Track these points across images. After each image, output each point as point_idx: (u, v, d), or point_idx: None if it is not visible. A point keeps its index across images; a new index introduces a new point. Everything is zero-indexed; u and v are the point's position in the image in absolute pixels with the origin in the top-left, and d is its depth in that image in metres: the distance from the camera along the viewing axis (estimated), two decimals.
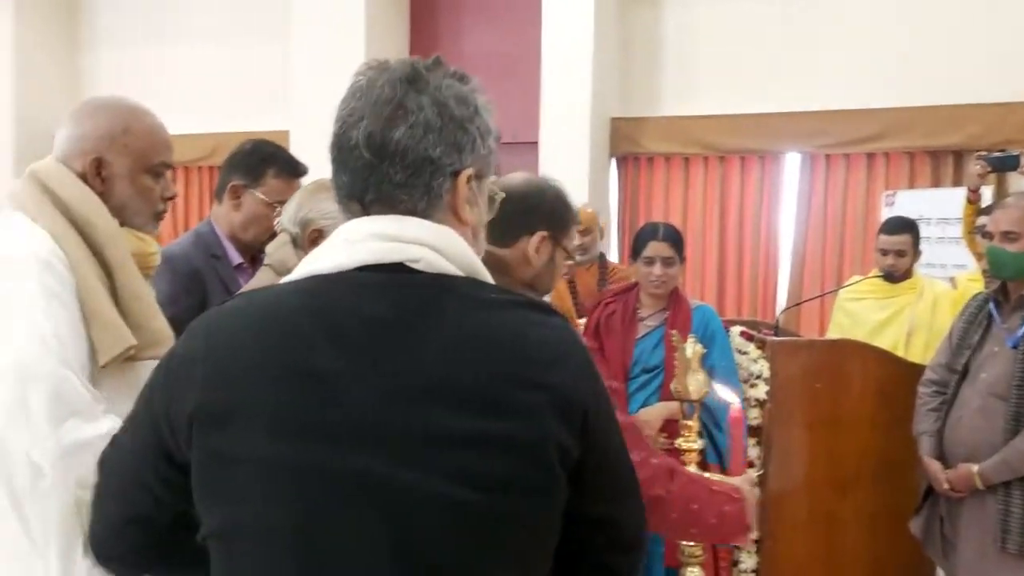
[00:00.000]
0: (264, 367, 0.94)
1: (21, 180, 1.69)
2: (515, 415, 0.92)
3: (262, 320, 0.98)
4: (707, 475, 1.69)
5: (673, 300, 2.91)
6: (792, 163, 5.16)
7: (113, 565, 1.13)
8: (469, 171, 1.03)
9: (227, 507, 0.95)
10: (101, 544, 1.12)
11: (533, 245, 1.64)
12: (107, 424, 1.37)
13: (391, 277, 0.97)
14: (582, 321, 3.05)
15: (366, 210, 1.01)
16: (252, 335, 0.97)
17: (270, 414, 0.93)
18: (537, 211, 1.65)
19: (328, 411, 0.92)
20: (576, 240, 3.74)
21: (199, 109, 6.30)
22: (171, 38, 6.67)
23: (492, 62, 5.69)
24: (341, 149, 1.01)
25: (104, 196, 1.68)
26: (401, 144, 0.98)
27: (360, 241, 0.99)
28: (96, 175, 1.68)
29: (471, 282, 1.01)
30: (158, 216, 1.79)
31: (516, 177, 1.70)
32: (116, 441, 1.11)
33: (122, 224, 1.71)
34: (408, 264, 0.98)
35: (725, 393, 1.93)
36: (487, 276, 1.04)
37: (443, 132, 1.00)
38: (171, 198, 1.79)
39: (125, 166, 1.70)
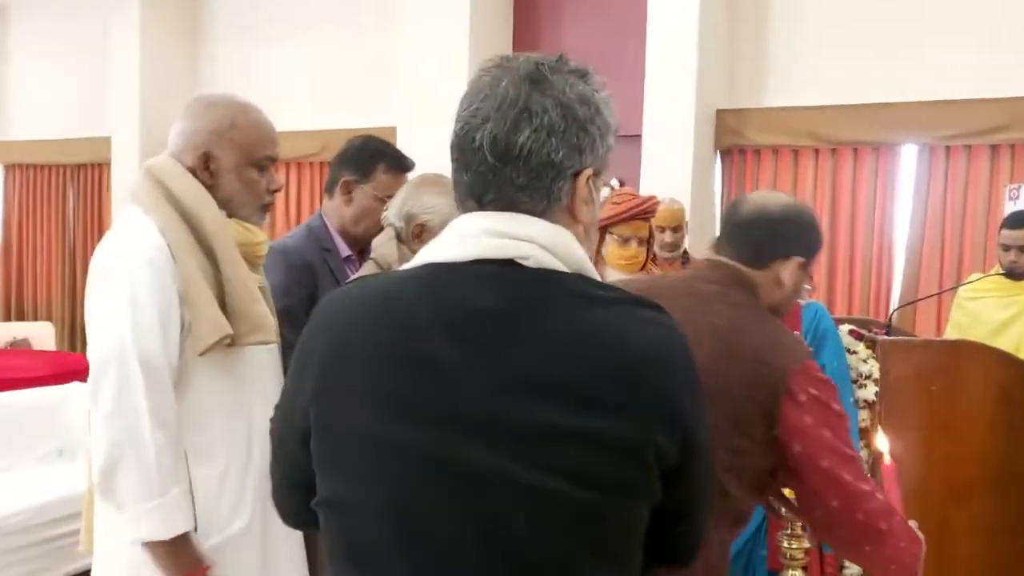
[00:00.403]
0: (379, 351, 0.99)
1: (139, 174, 1.79)
2: (615, 413, 0.93)
3: (378, 306, 1.02)
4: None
5: None
6: (909, 155, 4.93)
7: (290, 521, 1.21)
8: (589, 171, 1.03)
9: (337, 481, 1.01)
10: (277, 502, 1.20)
11: (788, 270, 1.64)
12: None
13: (501, 271, 0.99)
14: None
15: (483, 208, 1.03)
16: (368, 320, 1.02)
17: (382, 396, 0.98)
18: (797, 238, 1.65)
19: (437, 398, 0.95)
20: (668, 237, 3.69)
21: (309, 106, 6.49)
22: (282, 36, 6.88)
23: (593, 54, 5.63)
24: (464, 150, 1.02)
25: (212, 189, 1.76)
26: (525, 148, 0.99)
27: (474, 236, 1.01)
28: (204, 169, 1.76)
29: (580, 279, 1.02)
30: (264, 208, 1.86)
31: (775, 199, 1.72)
32: (276, 410, 1.17)
33: (229, 215, 1.78)
34: (518, 260, 0.99)
35: (881, 443, 1.80)
36: (595, 275, 1.05)
37: (566, 135, 1.00)
38: (277, 190, 1.86)
39: (231, 160, 1.77)
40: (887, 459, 1.77)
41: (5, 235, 8.47)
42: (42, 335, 6.01)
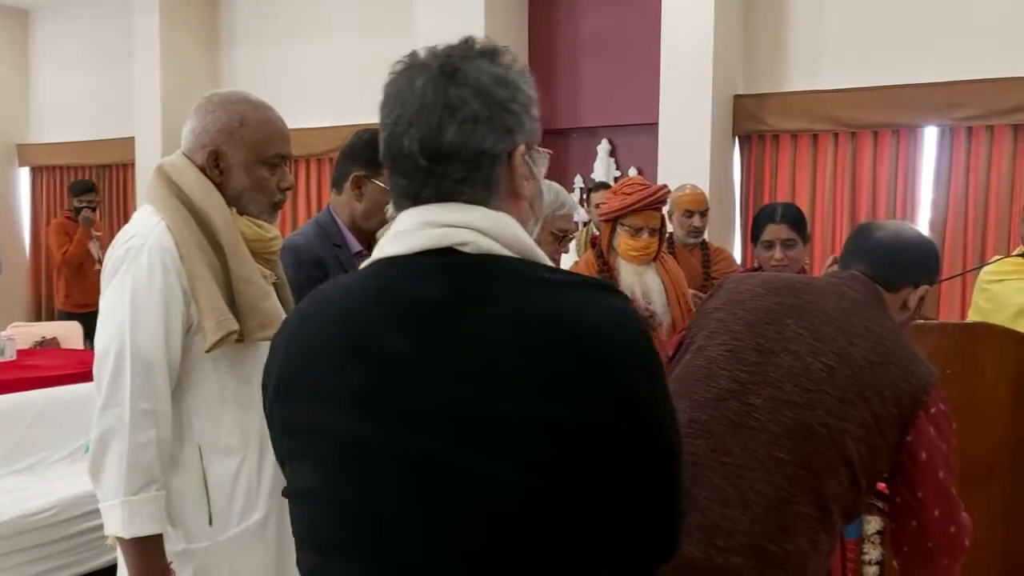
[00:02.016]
0: (332, 348, 1.01)
1: (152, 173, 1.81)
2: (567, 399, 0.91)
3: (334, 304, 1.05)
4: None
5: None
6: (930, 138, 4.88)
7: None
8: (522, 148, 1.03)
9: (302, 474, 1.03)
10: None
11: (916, 297, 1.76)
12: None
13: (442, 260, 0.99)
14: None
15: (420, 204, 1.03)
16: (324, 319, 1.04)
17: (340, 394, 0.99)
18: (926, 267, 1.78)
19: (389, 392, 0.96)
20: (697, 221, 3.67)
21: (330, 103, 6.54)
22: (303, 35, 6.93)
23: (610, 42, 5.63)
24: (395, 157, 1.03)
25: (221, 187, 1.78)
26: (456, 144, 0.99)
27: (414, 230, 1.01)
28: (214, 167, 1.77)
29: (523, 263, 1.00)
30: (275, 206, 1.87)
31: (911, 228, 1.87)
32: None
33: (240, 213, 1.80)
34: (458, 248, 0.99)
35: None
36: (542, 257, 1.04)
37: (492, 120, 1.00)
38: (288, 188, 1.87)
39: (241, 157, 1.78)
40: None
41: (33, 237, 8.61)
42: (70, 334, 6.10)
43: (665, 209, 3.17)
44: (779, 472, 1.53)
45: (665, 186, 3.03)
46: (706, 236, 3.80)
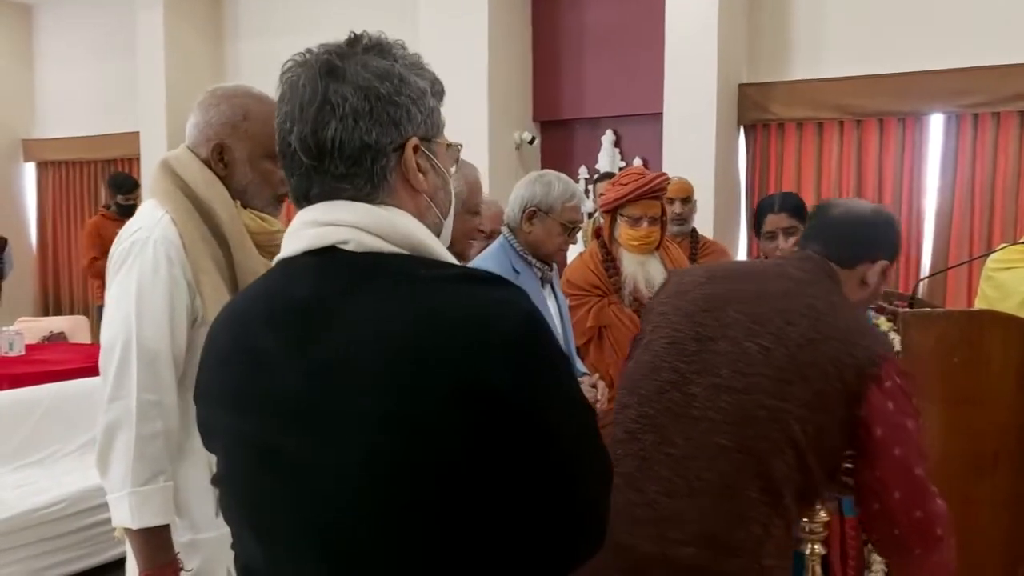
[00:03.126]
0: (221, 349, 1.07)
1: (156, 167, 1.82)
2: (420, 395, 0.89)
3: (233, 308, 1.10)
4: None
5: None
6: (936, 125, 4.85)
7: None
8: (413, 140, 1.02)
9: (218, 464, 1.10)
10: None
11: (874, 272, 1.73)
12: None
13: (319, 259, 1.00)
14: None
15: (309, 204, 1.04)
16: (223, 321, 1.10)
17: (226, 392, 1.04)
18: (884, 242, 1.76)
19: (262, 389, 0.99)
20: (677, 208, 3.66)
21: None
22: (307, 28, 6.91)
23: (614, 33, 5.61)
24: (285, 156, 1.04)
25: (226, 180, 1.78)
26: (336, 140, 0.98)
27: (299, 231, 1.02)
28: (219, 160, 1.78)
29: (406, 259, 1.00)
30: (279, 199, 1.88)
31: (865, 204, 1.84)
32: None
33: (244, 206, 1.81)
34: (339, 247, 0.99)
35: None
36: (436, 251, 1.03)
37: (374, 114, 0.99)
38: None
39: (245, 151, 1.79)
40: None
41: (40, 232, 8.64)
42: (78, 328, 6.14)
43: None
44: (723, 459, 1.51)
45: (663, 174, 3.03)
46: (711, 225, 3.79)
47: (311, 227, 1.01)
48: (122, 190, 6.02)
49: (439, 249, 1.03)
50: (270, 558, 1.01)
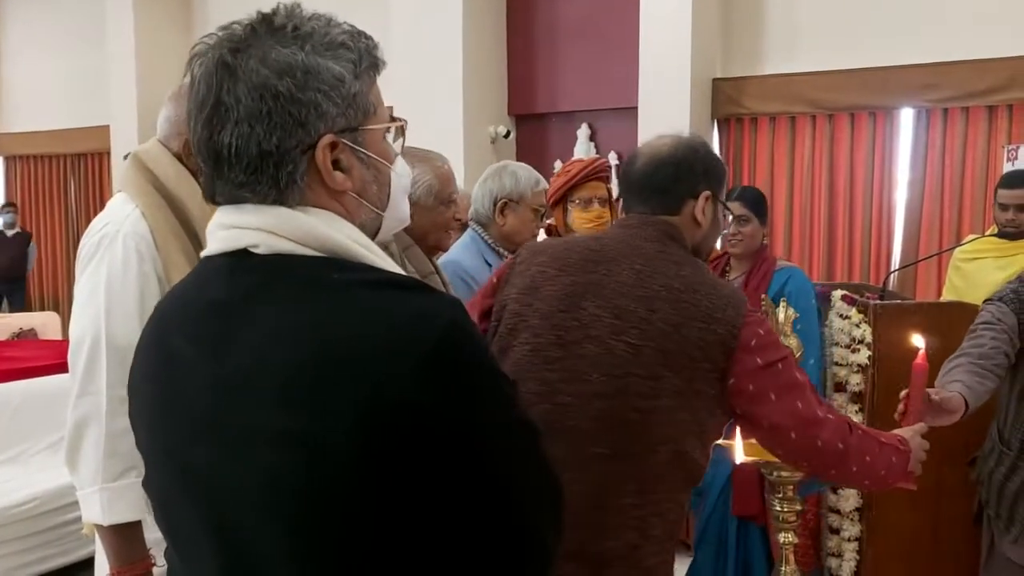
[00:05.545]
0: (146, 353, 1.02)
1: (127, 161, 1.80)
2: (321, 416, 0.82)
3: (159, 305, 1.05)
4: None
5: (757, 261, 2.93)
6: (906, 119, 4.91)
7: None
8: (327, 138, 0.91)
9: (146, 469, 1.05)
10: None
11: (700, 207, 1.61)
12: None
13: (229, 262, 0.93)
14: None
15: (217, 206, 0.98)
16: (152, 319, 1.04)
17: (145, 397, 1.00)
18: (695, 172, 1.62)
19: (173, 397, 0.94)
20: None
21: None
22: None
23: (589, 26, 5.62)
24: (197, 154, 0.96)
25: (197, 174, 1.77)
26: (232, 147, 0.89)
27: (214, 231, 0.96)
28: (190, 154, 1.76)
29: (318, 262, 0.91)
30: None
31: (663, 143, 1.65)
32: None
33: None
34: (250, 250, 0.92)
35: (917, 340, 1.85)
36: (356, 252, 0.93)
37: (272, 117, 0.89)
38: None
39: None
40: (920, 355, 1.81)
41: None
42: (48, 325, 6.06)
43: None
44: (596, 469, 1.45)
45: (603, 157, 3.11)
46: None
47: (222, 229, 0.95)
48: None
49: (361, 251, 0.93)
50: (186, 571, 0.99)
